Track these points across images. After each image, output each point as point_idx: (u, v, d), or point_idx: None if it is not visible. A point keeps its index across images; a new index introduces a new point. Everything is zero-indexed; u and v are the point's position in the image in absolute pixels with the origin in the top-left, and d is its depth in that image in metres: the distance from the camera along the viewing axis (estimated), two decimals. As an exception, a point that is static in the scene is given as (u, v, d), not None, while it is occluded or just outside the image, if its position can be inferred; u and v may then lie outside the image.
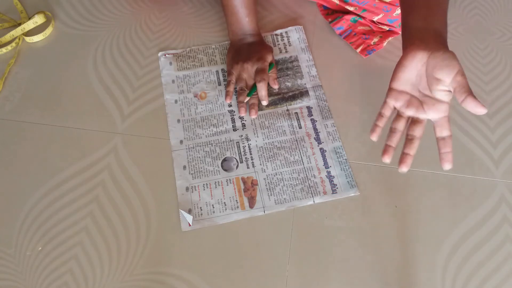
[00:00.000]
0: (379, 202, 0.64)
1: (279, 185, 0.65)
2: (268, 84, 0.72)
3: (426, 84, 0.51)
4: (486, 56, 0.79)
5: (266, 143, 0.69)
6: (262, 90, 0.70)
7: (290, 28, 0.81)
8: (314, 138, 0.69)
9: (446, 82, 0.49)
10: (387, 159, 0.52)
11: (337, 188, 0.65)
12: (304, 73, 0.76)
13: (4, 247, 0.61)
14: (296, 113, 0.71)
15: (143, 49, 0.79)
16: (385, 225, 0.62)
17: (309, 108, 0.72)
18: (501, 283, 0.58)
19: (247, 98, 0.71)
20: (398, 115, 0.53)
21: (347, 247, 0.61)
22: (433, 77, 0.50)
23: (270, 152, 0.68)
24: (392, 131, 0.53)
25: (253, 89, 0.71)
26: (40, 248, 0.61)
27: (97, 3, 0.85)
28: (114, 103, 0.73)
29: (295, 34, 0.80)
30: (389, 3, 0.74)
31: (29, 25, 0.81)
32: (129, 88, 0.74)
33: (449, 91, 0.50)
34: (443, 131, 0.51)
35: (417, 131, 0.52)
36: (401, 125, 0.52)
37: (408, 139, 0.52)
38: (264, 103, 0.71)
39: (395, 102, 0.53)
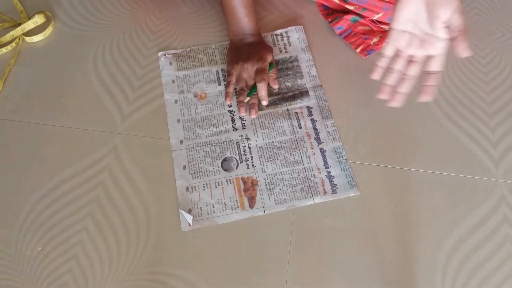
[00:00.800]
0: (379, 202, 0.64)
1: (279, 185, 0.65)
2: (268, 84, 0.72)
3: (426, 21, 0.51)
4: (486, 56, 0.79)
5: (266, 143, 0.69)
6: (262, 90, 0.70)
7: (290, 28, 0.81)
8: (314, 138, 0.69)
9: (444, 19, 0.49)
10: (384, 96, 0.55)
11: (337, 188, 0.65)
12: (304, 73, 0.76)
13: (4, 247, 0.61)
14: (296, 113, 0.71)
15: (143, 49, 0.79)
16: (385, 225, 0.62)
17: (309, 108, 0.72)
18: (501, 283, 0.58)
19: (247, 98, 0.71)
20: (396, 55, 0.54)
21: (347, 247, 0.61)
22: (432, 14, 0.50)
23: (270, 152, 0.68)
24: (390, 71, 0.55)
25: (253, 89, 0.71)
26: (40, 248, 0.61)
27: (97, 3, 0.85)
28: (114, 103, 0.73)
29: (295, 34, 0.80)
30: (388, 2, 0.74)
31: (29, 25, 0.81)
32: (129, 88, 0.74)
33: (448, 27, 0.50)
34: (435, 66, 0.52)
35: (414, 71, 0.54)
36: (399, 65, 0.54)
37: (403, 78, 0.54)
38: (264, 103, 0.71)
39: (396, 43, 0.54)
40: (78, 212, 0.63)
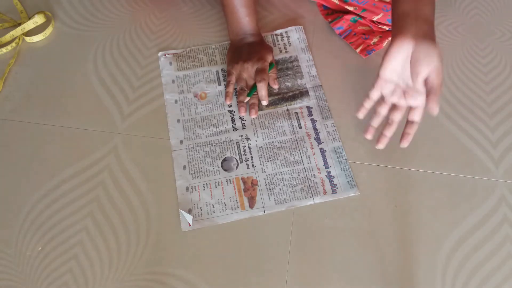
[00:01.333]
0: (379, 202, 0.64)
1: (279, 185, 0.65)
2: (268, 84, 0.72)
3: (409, 74, 0.55)
4: (486, 56, 0.79)
5: (266, 143, 0.69)
6: (262, 90, 0.70)
7: (290, 28, 0.81)
8: (314, 138, 0.69)
9: (423, 75, 0.53)
10: (368, 136, 0.60)
11: (337, 188, 0.65)
12: (304, 73, 0.76)
13: (4, 247, 0.61)
14: (296, 113, 0.71)
15: (143, 49, 0.79)
16: (385, 225, 0.62)
17: (309, 108, 0.72)
18: (501, 283, 0.58)
19: (247, 98, 0.71)
20: (382, 100, 0.59)
21: (347, 247, 0.61)
22: (414, 69, 0.54)
23: (270, 152, 0.68)
24: (375, 113, 0.60)
25: (253, 89, 0.71)
26: (40, 248, 0.61)
27: (97, 3, 0.86)
28: (114, 103, 0.73)
29: (295, 34, 0.80)
30: (388, 3, 0.74)
31: (29, 25, 0.81)
32: (129, 88, 0.75)
33: (426, 84, 0.54)
34: (414, 116, 0.57)
35: (397, 116, 0.59)
36: (383, 111, 0.59)
37: (388, 123, 0.59)
38: (264, 103, 0.71)
39: (381, 90, 0.58)
40: (78, 212, 0.63)
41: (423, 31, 0.53)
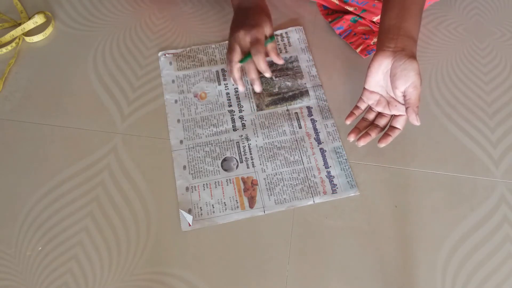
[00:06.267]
0: (379, 202, 0.64)
1: (279, 185, 0.65)
2: (268, 78, 0.69)
3: (390, 87, 0.59)
4: (486, 56, 0.79)
5: (266, 143, 0.69)
6: (260, 63, 0.62)
7: (290, 28, 0.81)
8: (314, 138, 0.69)
9: (401, 90, 0.57)
10: (351, 138, 0.63)
11: (337, 188, 0.65)
12: (304, 73, 0.76)
13: (4, 247, 0.61)
14: (296, 113, 0.71)
15: (143, 49, 0.79)
16: (385, 225, 0.62)
17: (309, 108, 0.72)
18: (501, 283, 0.58)
19: (239, 69, 0.65)
20: (369, 108, 0.64)
21: (347, 247, 0.61)
22: (393, 83, 0.58)
23: (270, 152, 0.68)
24: (363, 119, 0.64)
25: (247, 56, 0.64)
26: (40, 248, 0.61)
27: (97, 3, 0.86)
28: (114, 103, 0.73)
29: (295, 35, 0.80)
30: (389, 3, 0.74)
31: (29, 25, 0.81)
32: (129, 88, 0.75)
33: (404, 97, 0.58)
34: (397, 124, 0.61)
35: (382, 122, 0.63)
36: (370, 116, 0.64)
37: (374, 125, 0.63)
38: (267, 75, 0.64)
39: (367, 100, 0.63)
40: (78, 212, 0.63)
41: (403, 47, 0.57)
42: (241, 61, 0.65)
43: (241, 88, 0.69)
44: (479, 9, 0.85)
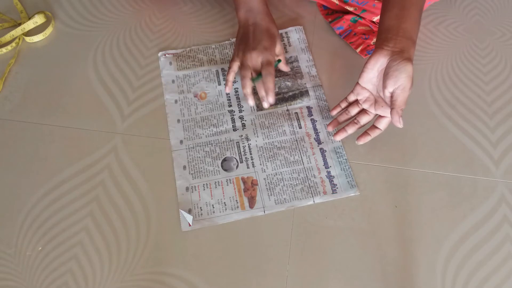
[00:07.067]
0: (379, 202, 0.64)
1: (279, 185, 0.65)
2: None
3: (381, 86, 0.60)
4: (486, 56, 0.79)
5: (266, 143, 0.69)
6: (268, 82, 0.66)
7: (290, 28, 0.81)
8: (314, 138, 0.69)
9: (390, 90, 0.58)
10: (330, 128, 0.67)
11: (337, 188, 0.65)
12: (304, 73, 0.76)
13: (4, 247, 0.61)
14: (296, 113, 0.71)
15: (143, 49, 0.79)
16: (385, 225, 0.62)
17: (309, 108, 0.72)
18: (501, 283, 0.58)
19: (251, 86, 0.68)
20: (355, 103, 0.65)
21: (347, 247, 0.61)
22: (384, 83, 0.58)
23: (270, 152, 0.68)
24: (345, 111, 0.66)
25: (259, 76, 0.68)
26: (40, 248, 0.61)
27: (97, 3, 0.86)
28: (114, 103, 0.73)
29: (295, 35, 0.80)
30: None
31: (29, 25, 0.81)
32: (129, 88, 0.75)
33: (391, 98, 0.59)
34: (379, 124, 0.63)
35: (363, 120, 0.64)
36: (353, 111, 0.65)
37: (353, 122, 0.65)
38: (271, 100, 0.68)
39: (357, 95, 0.64)
40: (78, 212, 0.63)
41: (401, 48, 0.57)
42: (253, 79, 0.68)
43: (251, 103, 0.69)
44: (479, 9, 0.85)
